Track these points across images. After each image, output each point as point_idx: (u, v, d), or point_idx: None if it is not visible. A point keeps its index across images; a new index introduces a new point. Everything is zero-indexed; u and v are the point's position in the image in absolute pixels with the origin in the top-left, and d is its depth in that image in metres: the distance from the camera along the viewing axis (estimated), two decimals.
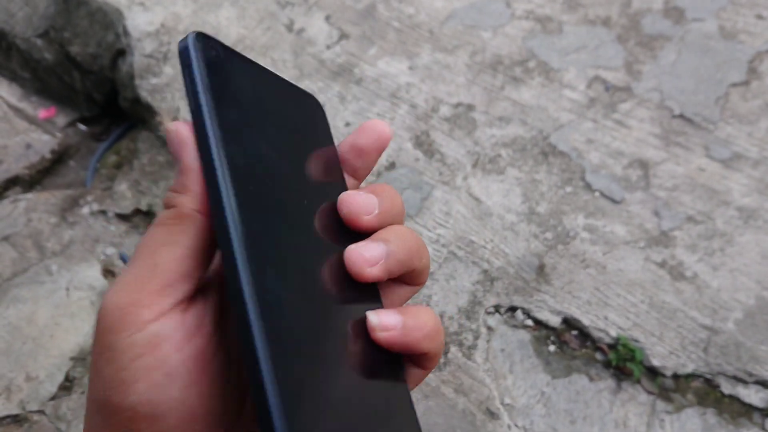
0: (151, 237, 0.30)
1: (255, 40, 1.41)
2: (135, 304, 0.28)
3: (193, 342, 0.29)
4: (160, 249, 0.29)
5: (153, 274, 0.29)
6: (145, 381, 0.27)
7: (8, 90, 1.50)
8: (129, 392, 0.27)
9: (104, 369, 0.28)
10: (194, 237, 0.30)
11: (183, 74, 0.31)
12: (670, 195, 1.15)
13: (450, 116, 1.28)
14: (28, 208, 1.30)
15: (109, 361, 0.28)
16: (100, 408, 0.28)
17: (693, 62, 1.31)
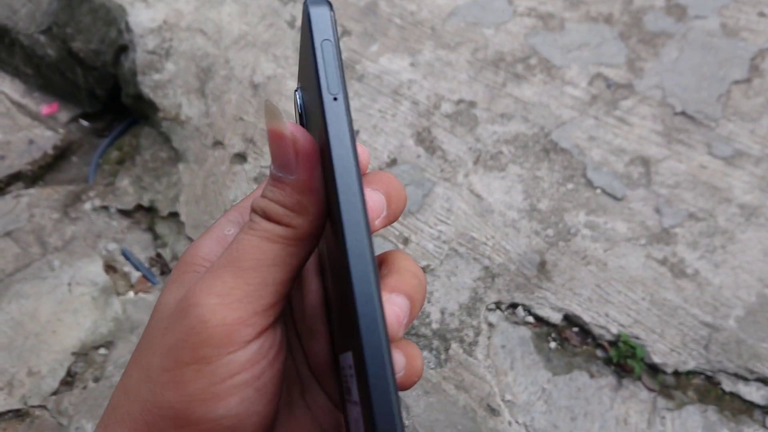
0: (262, 251, 0.29)
1: (257, 37, 1.41)
2: (241, 323, 0.28)
3: (280, 357, 0.30)
4: (272, 268, 0.29)
5: (263, 294, 0.28)
6: (237, 396, 0.27)
7: (11, 86, 1.50)
8: (218, 406, 0.27)
9: (193, 381, 0.27)
10: (303, 260, 0.30)
11: (315, 71, 0.28)
12: (672, 192, 1.15)
13: (452, 113, 1.28)
14: (31, 204, 1.31)
15: (201, 374, 0.27)
16: (164, 416, 0.27)
17: (695, 59, 1.31)
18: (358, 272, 0.26)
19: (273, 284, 0.29)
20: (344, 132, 0.27)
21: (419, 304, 0.30)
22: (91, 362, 1.10)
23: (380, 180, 0.31)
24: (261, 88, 1.34)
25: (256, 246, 0.29)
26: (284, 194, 0.29)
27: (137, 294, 1.18)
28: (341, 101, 0.27)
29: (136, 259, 1.22)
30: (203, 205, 1.24)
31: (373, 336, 0.26)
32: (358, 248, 0.26)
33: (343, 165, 0.27)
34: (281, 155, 0.29)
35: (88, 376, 1.08)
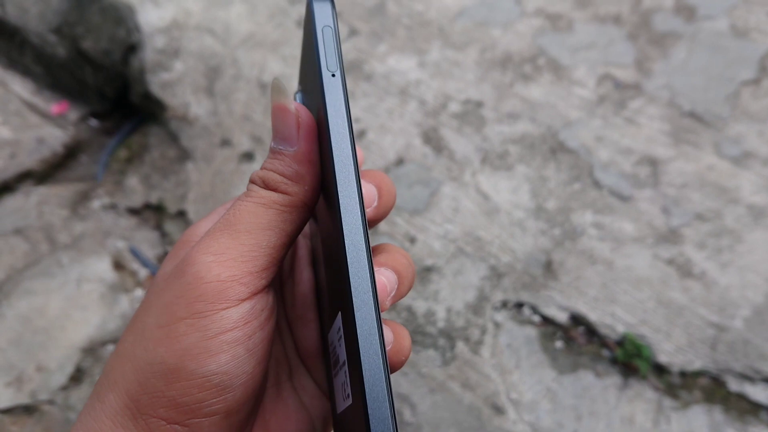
0: (258, 215, 0.30)
1: (265, 36, 1.42)
2: (235, 280, 0.29)
3: (271, 322, 0.31)
4: (266, 231, 0.30)
5: (257, 254, 0.29)
6: (228, 353, 0.28)
7: (21, 84, 1.52)
8: (209, 361, 0.28)
9: (186, 334, 0.28)
10: (297, 229, 0.31)
11: (317, 55, 0.29)
12: (679, 192, 1.15)
13: (459, 112, 1.28)
14: (40, 202, 1.32)
15: (195, 327, 0.28)
16: (162, 374, 0.28)
17: (704, 60, 1.31)
18: (351, 233, 0.27)
19: (267, 247, 0.29)
20: (340, 104, 0.29)
21: (408, 282, 0.31)
22: (99, 358, 1.11)
23: (372, 175, 0.33)
24: (269, 87, 1.35)
25: (252, 211, 0.30)
26: (283, 164, 0.30)
27: (145, 291, 1.19)
28: (338, 78, 0.29)
29: (144, 256, 1.23)
30: (211, 204, 1.25)
31: (363, 289, 0.26)
32: (351, 212, 0.27)
33: (338, 132, 0.28)
34: (284, 128, 0.30)
35: (96, 373, 1.09)
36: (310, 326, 0.35)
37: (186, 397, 0.28)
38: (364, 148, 1.25)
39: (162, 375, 0.28)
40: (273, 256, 0.30)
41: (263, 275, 0.30)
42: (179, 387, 0.28)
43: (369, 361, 0.25)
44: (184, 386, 0.28)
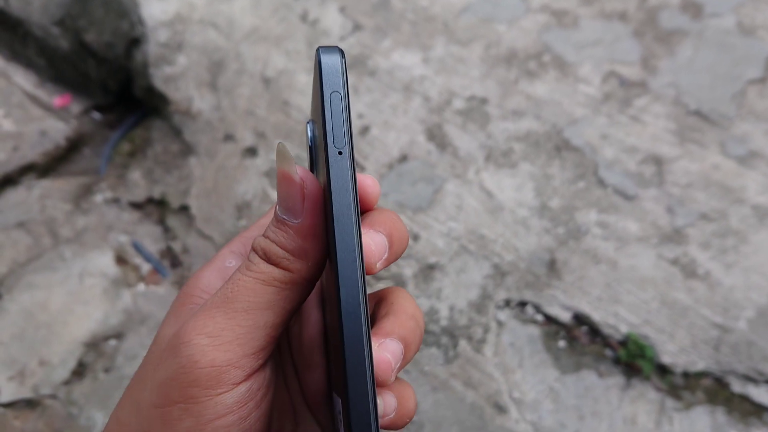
0: (256, 293, 0.29)
1: (269, 31, 1.41)
2: (231, 365, 0.28)
3: (267, 397, 0.30)
4: (265, 311, 0.29)
5: (254, 336, 0.29)
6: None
7: (24, 77, 1.51)
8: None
9: (180, 420, 0.27)
10: (297, 306, 0.30)
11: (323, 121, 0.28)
12: (684, 192, 1.14)
13: (463, 109, 1.27)
14: (43, 195, 1.31)
15: (189, 413, 0.27)
16: None
17: (710, 58, 1.30)
18: (349, 330, 0.26)
19: (265, 327, 0.29)
20: (347, 188, 0.27)
21: (414, 347, 0.31)
22: (101, 353, 1.11)
23: (384, 221, 0.31)
24: (272, 82, 1.34)
25: (251, 288, 0.29)
26: (287, 237, 0.29)
27: (148, 286, 1.19)
28: (346, 156, 0.28)
29: (147, 251, 1.23)
30: (214, 199, 1.24)
31: (359, 394, 0.26)
32: (352, 309, 0.27)
33: (343, 222, 0.27)
34: (288, 198, 0.29)
35: (99, 367, 1.09)
36: (318, 370, 0.35)
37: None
38: (368, 144, 1.24)
39: None
40: (271, 335, 0.29)
41: (260, 356, 0.29)
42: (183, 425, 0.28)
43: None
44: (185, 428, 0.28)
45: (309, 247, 0.29)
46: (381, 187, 1.19)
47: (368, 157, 1.23)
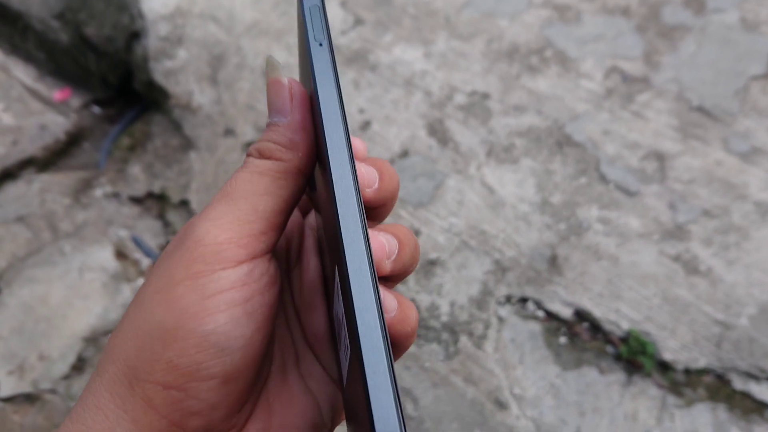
0: (253, 182, 0.31)
1: (270, 25, 1.40)
2: (232, 242, 0.29)
3: (272, 290, 0.31)
4: (263, 197, 0.30)
5: (254, 218, 0.30)
6: (226, 313, 0.28)
7: (24, 71, 1.51)
8: (207, 321, 0.28)
9: (184, 296, 0.28)
10: (292, 195, 0.32)
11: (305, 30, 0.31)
12: (686, 188, 1.14)
13: (465, 104, 1.27)
14: (43, 189, 1.31)
15: (192, 288, 0.28)
16: (159, 335, 0.28)
17: (713, 54, 1.29)
18: (342, 197, 0.27)
19: (264, 211, 0.30)
20: (328, 70, 0.30)
21: (409, 249, 0.31)
22: (101, 348, 1.11)
23: (372, 161, 0.33)
24: None
25: (248, 179, 0.31)
26: (278, 133, 0.32)
27: None
28: (326, 47, 0.30)
29: (146, 246, 1.22)
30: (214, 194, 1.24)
31: (357, 251, 0.26)
32: (341, 167, 0.28)
33: (327, 96, 0.29)
34: (278, 101, 0.32)
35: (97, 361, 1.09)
36: (318, 312, 0.35)
37: (184, 358, 0.28)
38: (369, 139, 1.24)
39: (159, 337, 0.28)
40: (271, 221, 0.31)
41: (261, 239, 0.30)
42: (177, 348, 0.28)
43: (363, 308, 0.25)
44: (182, 347, 0.28)
45: (299, 139, 0.31)
46: None
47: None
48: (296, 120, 0.31)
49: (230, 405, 0.29)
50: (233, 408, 0.29)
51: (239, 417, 0.30)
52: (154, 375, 0.28)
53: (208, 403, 0.28)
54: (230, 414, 0.29)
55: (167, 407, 0.28)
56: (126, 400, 0.28)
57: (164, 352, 0.28)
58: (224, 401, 0.29)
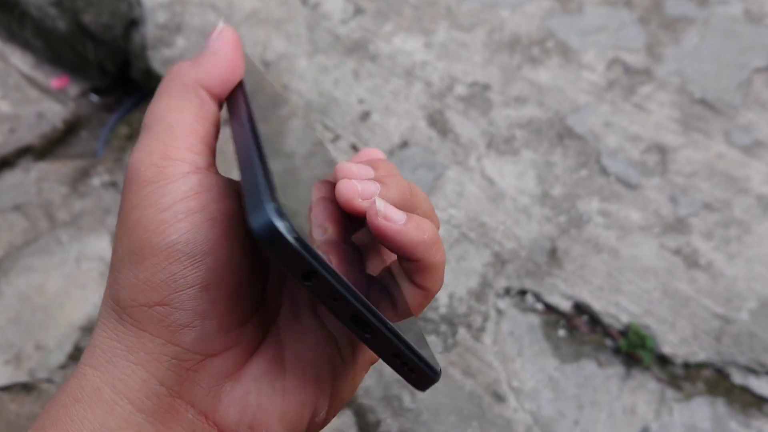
0: (157, 105, 0.32)
1: (269, 14, 1.39)
2: (169, 159, 0.30)
3: (228, 202, 0.30)
4: (168, 113, 0.31)
5: (174, 135, 0.30)
6: (186, 221, 0.28)
7: (21, 58, 1.49)
8: (170, 231, 0.28)
9: (142, 216, 0.28)
10: (199, 107, 0.32)
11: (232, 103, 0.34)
12: (688, 181, 1.13)
13: (465, 95, 1.26)
14: (40, 178, 1.30)
15: (148, 206, 0.28)
16: (130, 259, 0.28)
17: (716, 46, 1.28)
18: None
19: (179, 125, 0.31)
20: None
21: (395, 187, 0.31)
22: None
23: (370, 162, 0.33)
24: (272, 65, 1.33)
25: (154, 105, 0.33)
26: (193, 59, 0.35)
27: None
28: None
29: None
30: None
31: (248, 163, 0.28)
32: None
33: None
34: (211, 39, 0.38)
35: None
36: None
37: (158, 273, 0.28)
38: (368, 130, 1.23)
39: (131, 261, 0.28)
40: (192, 132, 0.31)
41: (194, 149, 0.31)
42: (149, 265, 0.28)
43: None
44: (153, 263, 0.28)
45: (206, 60, 0.35)
46: None
47: (369, 142, 1.21)
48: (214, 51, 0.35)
49: (221, 315, 0.29)
50: (226, 319, 0.29)
51: (241, 336, 0.30)
52: (136, 298, 0.28)
53: (195, 312, 0.28)
54: (225, 326, 0.29)
55: (156, 325, 0.28)
56: (118, 332, 0.28)
57: (139, 273, 0.28)
58: (212, 310, 0.28)
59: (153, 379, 0.28)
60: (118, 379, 0.28)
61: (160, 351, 0.28)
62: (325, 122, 1.25)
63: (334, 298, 0.25)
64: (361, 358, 0.32)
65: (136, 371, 0.28)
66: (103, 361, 0.28)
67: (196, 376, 0.28)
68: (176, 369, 0.28)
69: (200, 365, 0.28)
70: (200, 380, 0.28)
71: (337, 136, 1.23)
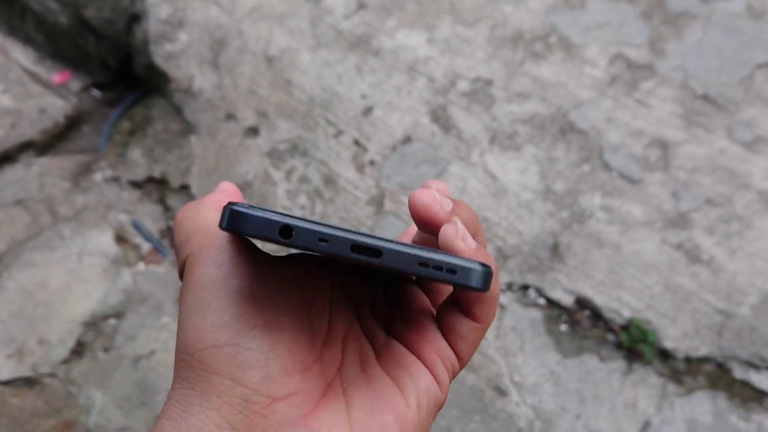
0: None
1: (272, 9, 1.39)
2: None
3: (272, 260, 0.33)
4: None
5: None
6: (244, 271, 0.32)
7: (23, 53, 1.49)
8: (232, 279, 0.31)
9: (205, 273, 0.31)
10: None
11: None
12: (690, 176, 1.13)
13: (468, 91, 1.26)
14: (42, 173, 1.30)
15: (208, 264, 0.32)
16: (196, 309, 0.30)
17: (718, 41, 1.28)
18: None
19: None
20: None
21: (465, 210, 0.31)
22: (100, 332, 1.10)
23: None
24: (275, 61, 1.33)
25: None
26: None
27: (148, 266, 1.18)
28: None
29: (147, 230, 1.22)
30: (215, 179, 1.23)
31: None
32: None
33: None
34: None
35: (98, 346, 1.09)
36: None
37: (224, 315, 0.29)
38: (371, 125, 1.23)
39: (197, 310, 0.30)
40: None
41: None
42: (214, 309, 0.29)
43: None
44: (218, 306, 0.29)
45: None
46: (383, 170, 1.18)
47: (371, 138, 1.22)
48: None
49: (283, 356, 0.30)
50: (289, 361, 0.30)
51: (304, 382, 0.30)
52: (204, 341, 0.29)
53: (260, 351, 0.29)
54: (288, 369, 0.30)
55: (225, 366, 0.29)
56: (189, 379, 0.29)
57: (204, 318, 0.29)
58: (275, 350, 0.29)
59: (226, 423, 0.28)
60: (193, 426, 0.28)
61: (230, 393, 0.29)
62: (327, 117, 1.25)
63: (322, 239, 0.26)
64: (426, 403, 0.32)
65: (210, 416, 0.28)
66: (178, 411, 0.29)
67: (265, 421, 0.29)
68: (247, 413, 0.29)
69: (268, 410, 0.29)
70: (269, 426, 0.29)
71: (339, 131, 1.23)
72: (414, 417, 0.31)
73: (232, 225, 0.25)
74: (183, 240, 0.33)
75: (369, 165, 1.19)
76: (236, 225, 0.25)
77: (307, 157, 1.21)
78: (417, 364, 0.33)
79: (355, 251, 0.26)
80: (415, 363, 0.33)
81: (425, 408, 0.32)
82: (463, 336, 0.32)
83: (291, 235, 0.25)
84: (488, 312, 0.32)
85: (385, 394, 0.31)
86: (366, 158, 1.20)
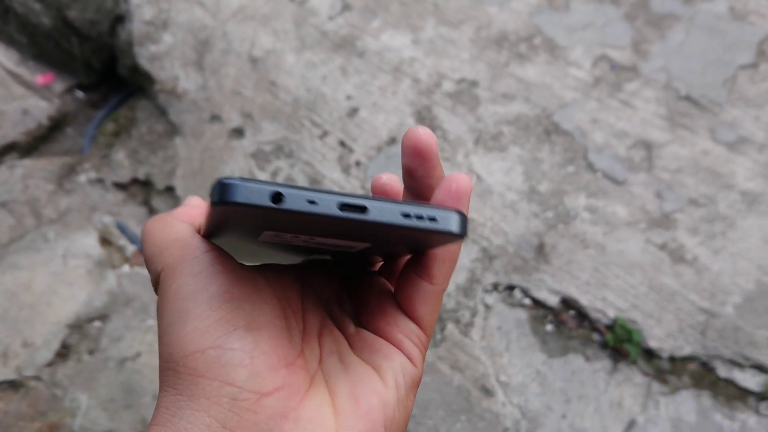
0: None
1: (256, 10, 1.38)
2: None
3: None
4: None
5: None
6: (220, 278, 0.33)
7: (5, 54, 1.48)
8: (208, 286, 0.32)
9: (182, 285, 0.32)
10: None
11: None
12: (674, 177, 1.14)
13: (453, 92, 1.26)
14: (25, 175, 1.29)
15: (183, 275, 0.33)
16: (176, 320, 0.31)
17: (701, 43, 1.29)
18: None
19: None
20: None
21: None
22: (85, 335, 1.10)
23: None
24: (260, 62, 1.32)
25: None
26: None
27: (132, 268, 1.17)
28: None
29: (131, 232, 1.21)
30: (200, 180, 1.23)
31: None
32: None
33: None
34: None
35: (83, 349, 1.08)
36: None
37: (205, 320, 0.30)
38: (356, 126, 1.23)
39: (177, 321, 0.31)
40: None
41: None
42: (194, 315, 0.31)
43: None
44: (198, 312, 0.31)
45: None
46: (368, 171, 1.18)
47: (357, 139, 1.22)
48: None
49: (267, 353, 0.31)
50: (272, 357, 0.31)
51: (289, 376, 0.32)
52: (187, 347, 0.30)
53: (244, 350, 0.30)
54: (273, 365, 0.31)
55: (211, 368, 0.30)
56: (177, 385, 0.30)
57: (186, 326, 0.30)
58: (258, 348, 0.31)
59: (216, 423, 0.29)
60: (183, 429, 0.29)
61: (218, 393, 0.29)
62: (312, 118, 1.25)
63: (311, 201, 0.27)
64: (403, 380, 0.34)
65: (200, 418, 0.29)
66: (168, 417, 0.30)
67: (255, 416, 0.30)
68: (236, 410, 0.29)
69: (257, 405, 0.30)
70: (260, 421, 0.30)
71: (325, 132, 1.23)
72: (393, 395, 0.34)
73: (224, 197, 0.26)
74: (155, 252, 0.34)
75: (354, 166, 1.19)
76: (229, 196, 0.26)
77: (292, 159, 1.21)
78: (387, 346, 0.35)
79: (343, 209, 0.27)
80: (386, 345, 0.35)
81: (403, 386, 0.34)
82: (422, 300, 0.35)
83: (281, 200, 0.26)
84: (445, 273, 0.35)
85: (365, 379, 0.33)
86: (351, 159, 1.20)
